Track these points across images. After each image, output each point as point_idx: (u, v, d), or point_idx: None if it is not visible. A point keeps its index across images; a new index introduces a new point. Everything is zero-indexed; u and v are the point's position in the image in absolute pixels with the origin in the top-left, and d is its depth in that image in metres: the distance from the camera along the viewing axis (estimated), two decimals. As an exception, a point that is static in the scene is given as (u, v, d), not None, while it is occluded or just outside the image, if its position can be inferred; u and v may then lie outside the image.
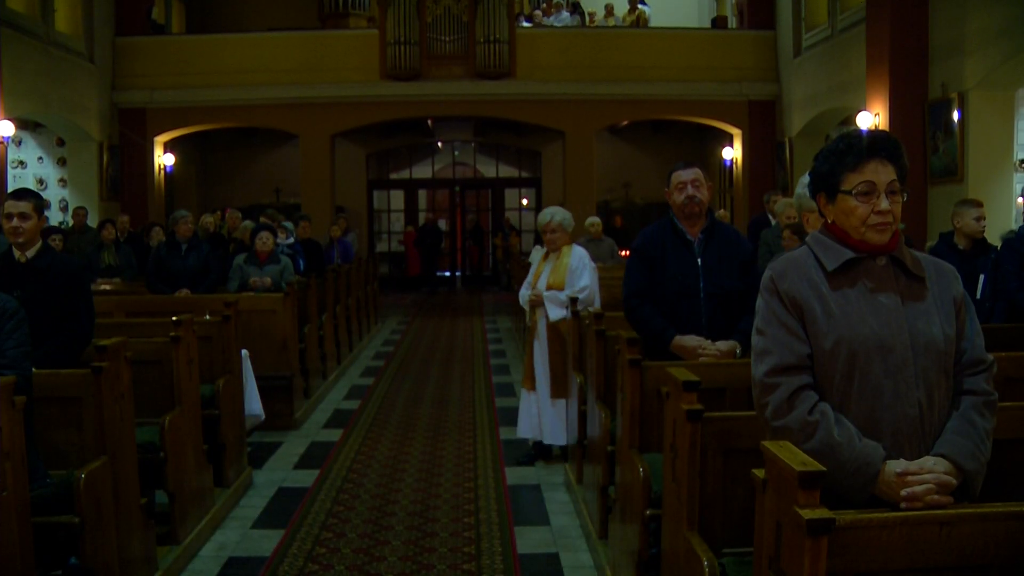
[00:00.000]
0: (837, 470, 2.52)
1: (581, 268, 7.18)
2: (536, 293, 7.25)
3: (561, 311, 7.06)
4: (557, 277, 7.20)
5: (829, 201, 2.76)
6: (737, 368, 4.36)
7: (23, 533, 3.60)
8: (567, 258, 7.26)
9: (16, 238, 4.83)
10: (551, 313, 7.12)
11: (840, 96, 15.01)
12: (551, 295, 7.13)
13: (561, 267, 7.22)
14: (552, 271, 7.26)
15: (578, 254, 7.32)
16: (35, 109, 15.06)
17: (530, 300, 7.33)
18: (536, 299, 7.25)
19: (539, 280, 7.30)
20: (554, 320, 7.12)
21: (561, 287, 7.13)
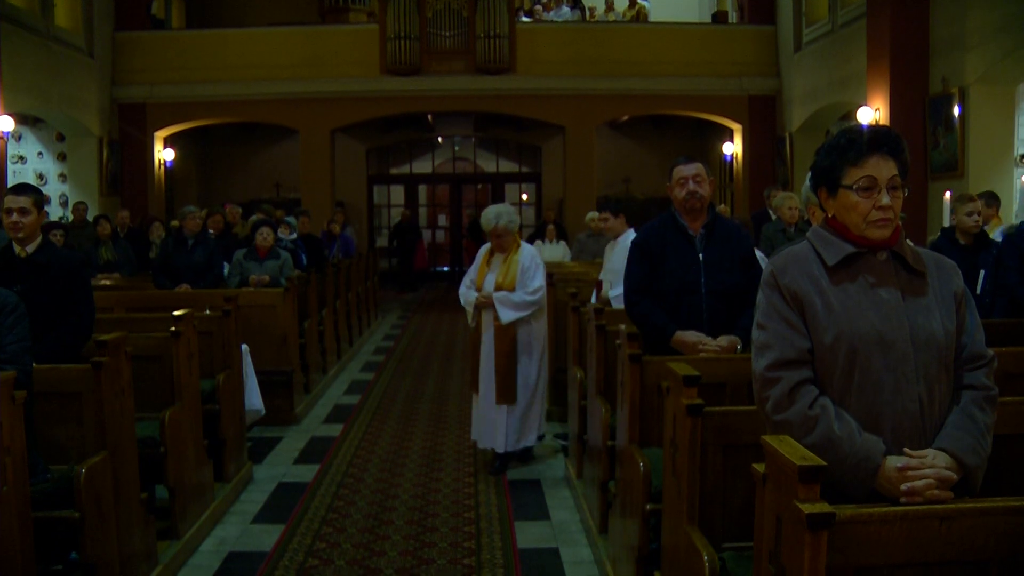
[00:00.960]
0: (837, 464, 2.52)
1: (534, 268, 6.87)
2: (485, 295, 6.83)
3: (513, 313, 6.75)
4: (507, 277, 6.82)
5: (830, 196, 2.76)
6: (737, 363, 4.36)
7: (23, 528, 3.61)
8: (517, 257, 6.90)
9: (16, 233, 4.83)
10: (503, 315, 6.74)
11: (840, 91, 15.00)
12: (502, 296, 6.76)
13: (511, 267, 6.85)
14: (502, 271, 6.86)
15: (529, 253, 7.00)
16: (35, 104, 15.04)
17: (477, 302, 6.92)
18: (485, 301, 6.84)
19: (485, 280, 6.90)
20: (506, 322, 6.76)
21: (512, 288, 6.78)
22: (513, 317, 6.73)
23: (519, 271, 6.80)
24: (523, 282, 6.78)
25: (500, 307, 6.74)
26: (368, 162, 22.84)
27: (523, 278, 6.79)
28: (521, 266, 6.83)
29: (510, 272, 6.81)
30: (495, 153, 24.07)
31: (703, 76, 18.23)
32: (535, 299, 6.79)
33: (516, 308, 6.74)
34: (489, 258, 6.98)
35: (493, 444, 6.86)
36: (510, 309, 6.74)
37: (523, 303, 6.75)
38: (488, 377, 6.85)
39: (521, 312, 6.75)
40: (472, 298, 6.92)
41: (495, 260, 6.95)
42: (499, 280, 6.81)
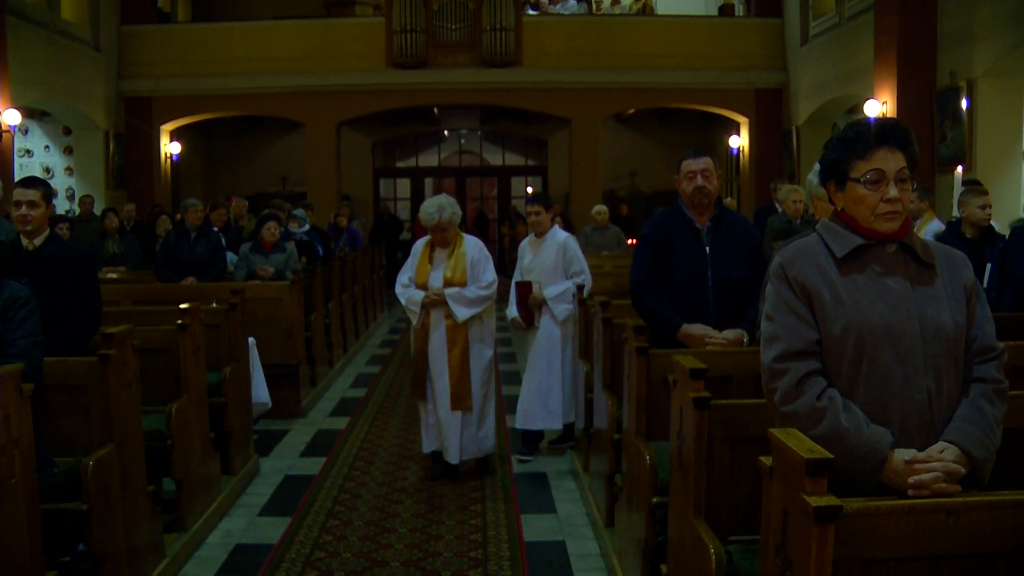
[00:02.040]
0: (844, 456, 2.51)
1: (484, 260, 6.52)
2: (436, 292, 6.36)
3: (468, 309, 6.38)
4: (457, 272, 6.39)
5: (839, 189, 2.75)
6: (744, 356, 4.35)
7: (32, 520, 3.62)
8: (463, 250, 6.49)
9: (24, 226, 4.84)
10: (458, 313, 6.34)
11: (847, 84, 14.95)
12: (455, 293, 6.35)
13: (459, 261, 6.43)
14: (449, 266, 6.42)
15: (475, 244, 6.62)
16: (41, 97, 15.05)
17: (426, 301, 6.41)
18: (437, 299, 6.38)
19: (430, 277, 6.44)
20: (462, 320, 6.36)
21: (463, 283, 6.38)
22: (469, 314, 6.38)
23: (468, 265, 6.44)
24: (474, 276, 6.43)
25: (454, 304, 6.36)
26: (374, 155, 22.85)
27: (473, 271, 6.44)
28: (469, 259, 6.47)
29: (458, 266, 6.42)
30: (501, 146, 24.07)
31: (709, 69, 18.18)
32: (489, 293, 6.48)
33: (471, 304, 6.39)
34: (430, 253, 6.55)
35: (448, 458, 6.48)
36: (464, 306, 6.38)
37: (478, 298, 6.41)
38: (440, 382, 6.42)
39: (476, 308, 6.41)
40: (418, 297, 6.44)
41: (438, 255, 6.52)
42: (448, 275, 6.40)
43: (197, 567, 5.13)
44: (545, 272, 7.18)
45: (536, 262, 7.23)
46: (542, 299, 7.11)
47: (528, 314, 7.24)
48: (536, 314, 7.21)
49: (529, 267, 7.28)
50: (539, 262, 7.20)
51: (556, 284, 7.13)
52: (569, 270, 7.19)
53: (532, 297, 7.16)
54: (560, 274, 7.17)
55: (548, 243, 7.22)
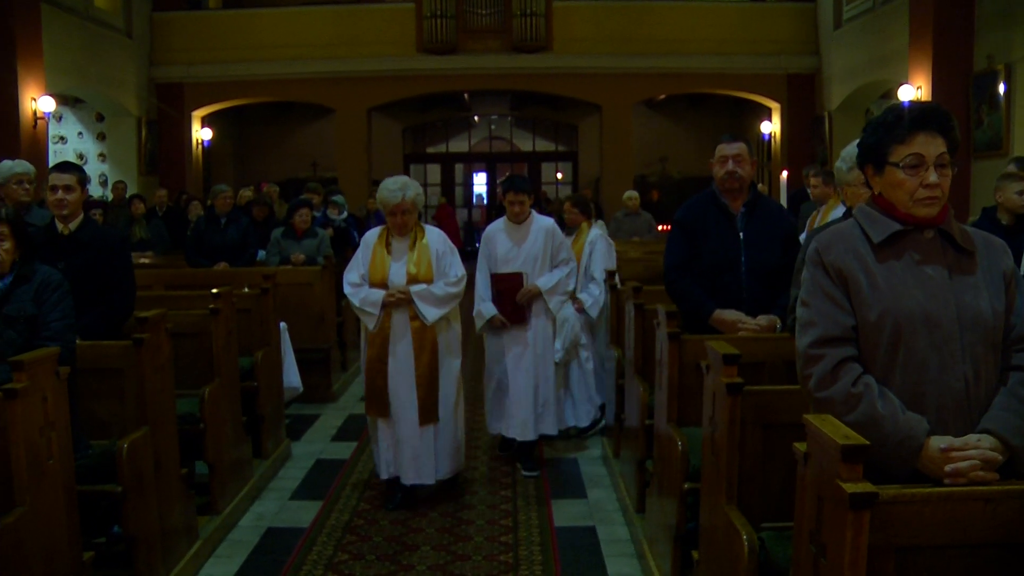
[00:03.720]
0: (879, 443, 2.48)
1: (450, 252, 5.80)
2: (400, 290, 5.59)
3: (438, 309, 5.65)
4: (421, 266, 5.66)
5: (876, 173, 2.72)
6: (776, 343, 4.33)
7: (69, 500, 3.66)
8: (426, 241, 5.76)
9: (61, 210, 4.88)
10: (427, 314, 5.60)
11: (881, 69, 14.79)
12: (422, 291, 5.61)
13: (423, 253, 5.70)
14: (412, 259, 5.68)
15: (439, 235, 5.90)
16: (75, 85, 15.18)
17: (387, 300, 5.62)
18: (402, 298, 5.61)
19: (390, 272, 5.67)
20: (431, 322, 5.62)
21: (429, 279, 5.65)
22: (439, 315, 5.64)
23: (433, 258, 5.71)
24: (441, 271, 5.70)
25: (422, 304, 5.61)
26: (404, 141, 22.89)
27: (440, 266, 5.71)
28: (434, 252, 5.73)
29: (423, 260, 5.68)
30: (531, 132, 24.04)
31: (741, 54, 18.06)
32: (458, 290, 5.77)
33: (440, 303, 5.66)
34: (387, 245, 5.77)
35: (416, 478, 5.67)
36: (434, 305, 5.63)
37: (447, 296, 5.68)
38: (404, 394, 5.65)
39: (446, 307, 5.67)
40: (376, 297, 5.64)
41: (396, 247, 5.75)
42: (411, 270, 5.65)
43: (229, 549, 5.16)
44: (531, 262, 6.40)
45: (517, 251, 6.42)
46: (537, 292, 6.35)
47: (515, 311, 6.36)
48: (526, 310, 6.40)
49: (506, 257, 6.43)
50: (523, 251, 6.40)
51: (547, 275, 6.40)
52: (557, 258, 6.47)
53: (526, 291, 6.33)
54: (548, 263, 6.43)
55: (533, 229, 6.45)
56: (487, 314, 6.39)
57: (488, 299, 6.42)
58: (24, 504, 3.32)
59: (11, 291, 3.90)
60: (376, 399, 5.70)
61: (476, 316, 6.48)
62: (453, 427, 5.81)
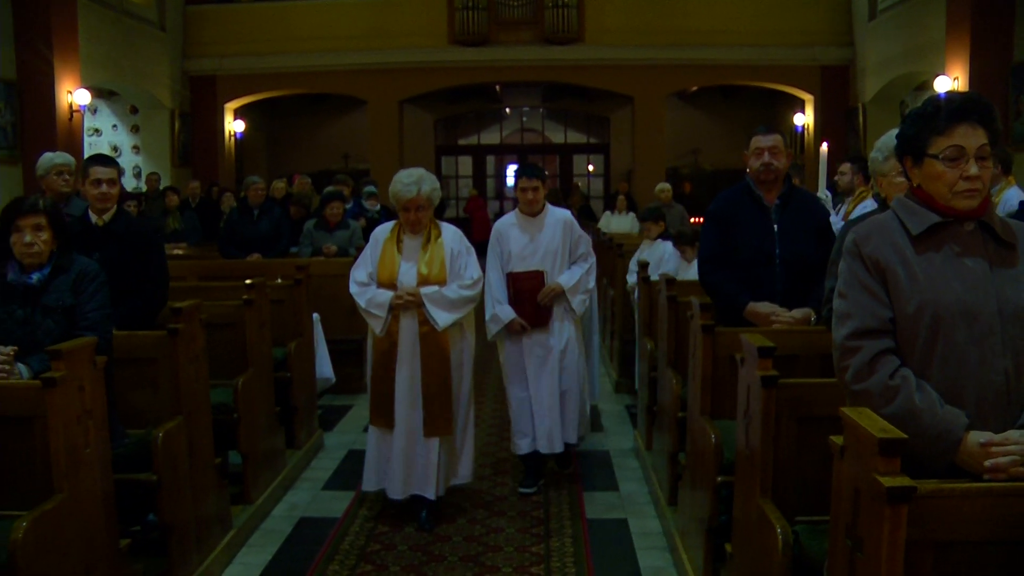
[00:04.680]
0: (917, 437, 2.45)
1: (466, 252, 5.37)
2: (410, 292, 5.15)
3: (450, 314, 5.20)
4: (434, 267, 5.22)
5: (915, 165, 2.68)
6: (811, 336, 4.30)
7: (106, 488, 3.70)
8: (441, 240, 5.32)
9: (105, 203, 4.94)
10: (439, 318, 5.15)
11: (917, 60, 14.63)
12: (434, 293, 5.17)
13: (436, 252, 5.27)
14: (424, 259, 5.24)
15: (454, 234, 5.44)
16: (109, 77, 15.33)
17: (395, 302, 5.19)
18: (412, 300, 5.16)
19: (399, 272, 5.25)
20: (443, 327, 5.18)
21: (442, 280, 5.21)
22: (451, 320, 5.20)
23: (447, 257, 5.28)
24: (455, 272, 5.27)
25: (433, 307, 5.16)
26: (436, 133, 22.91)
27: (454, 267, 5.28)
28: (449, 251, 5.30)
29: (436, 260, 5.25)
30: (563, 124, 24.00)
31: (774, 46, 17.93)
32: (474, 293, 5.32)
33: (453, 307, 5.22)
34: (398, 243, 5.34)
35: (421, 490, 5.26)
36: (446, 309, 5.19)
37: (461, 300, 5.24)
38: (411, 404, 5.24)
39: (460, 312, 5.25)
40: (384, 298, 5.22)
41: (408, 245, 5.32)
42: (423, 271, 5.22)
43: (262, 539, 5.20)
44: (549, 258, 5.92)
45: (533, 247, 5.92)
46: (560, 291, 5.88)
47: (537, 313, 5.87)
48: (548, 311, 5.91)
49: (521, 254, 5.92)
50: (540, 247, 5.91)
51: (567, 272, 5.95)
52: (575, 253, 6.00)
53: (548, 290, 5.85)
54: (566, 259, 5.96)
55: (549, 223, 5.97)
56: (505, 318, 5.85)
57: (504, 301, 5.89)
58: (63, 491, 3.35)
59: (49, 281, 3.94)
60: (381, 409, 5.29)
61: (490, 321, 5.90)
62: (460, 441, 5.43)
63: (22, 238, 3.89)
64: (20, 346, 3.75)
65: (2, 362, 3.65)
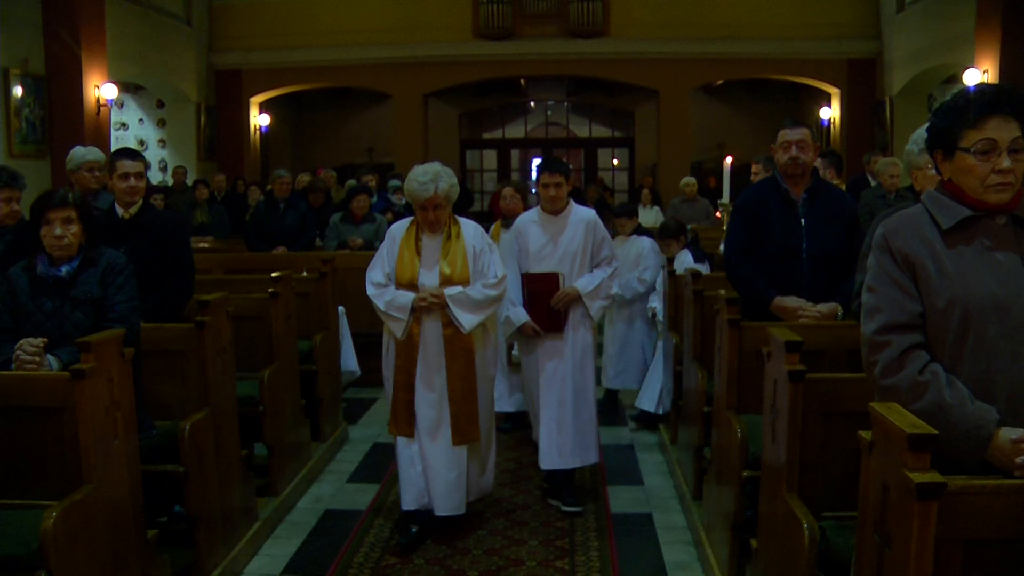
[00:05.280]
0: (947, 432, 2.43)
1: (488, 249, 5.09)
2: (433, 293, 4.86)
3: (475, 316, 4.93)
4: (457, 266, 4.97)
5: (946, 158, 2.65)
6: (838, 330, 4.28)
7: (134, 478, 3.72)
8: (462, 237, 5.04)
9: (133, 197, 4.97)
10: (464, 320, 4.88)
11: (946, 52, 14.49)
12: (458, 294, 4.90)
13: (458, 250, 4.99)
14: (445, 258, 4.98)
15: (475, 230, 5.14)
16: (136, 72, 15.42)
17: (418, 304, 4.90)
18: (436, 302, 4.88)
19: (419, 272, 4.97)
20: (469, 329, 4.91)
21: (465, 279, 4.95)
22: (477, 322, 4.94)
23: (470, 256, 5.02)
24: (478, 271, 5.01)
25: (457, 309, 4.89)
26: (460, 126, 22.88)
27: (477, 265, 5.01)
28: (471, 249, 5.03)
29: (458, 258, 4.98)
30: (588, 118, 23.91)
31: (800, 39, 17.80)
32: (499, 292, 5.04)
33: (479, 308, 4.94)
34: (416, 242, 5.05)
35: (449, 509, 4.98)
36: (471, 311, 4.92)
37: (486, 300, 4.97)
38: (434, 410, 4.98)
39: (485, 312, 4.99)
40: (405, 300, 4.93)
41: (428, 243, 5.03)
42: (445, 270, 4.95)
43: (288, 530, 5.23)
44: (568, 260, 5.56)
45: (553, 247, 5.57)
46: (576, 296, 5.51)
47: (550, 317, 5.53)
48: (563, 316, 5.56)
49: (540, 254, 5.59)
50: (560, 247, 5.56)
51: (587, 276, 5.57)
52: (598, 256, 5.62)
53: (563, 294, 5.49)
54: (588, 262, 5.59)
55: (572, 222, 5.60)
56: (517, 320, 5.54)
57: (519, 303, 5.57)
58: (91, 482, 3.38)
59: (78, 274, 3.97)
60: (403, 416, 5.03)
61: (505, 323, 5.66)
62: (484, 447, 5.19)
63: (52, 231, 3.92)
64: (49, 338, 3.78)
65: (32, 354, 3.68)
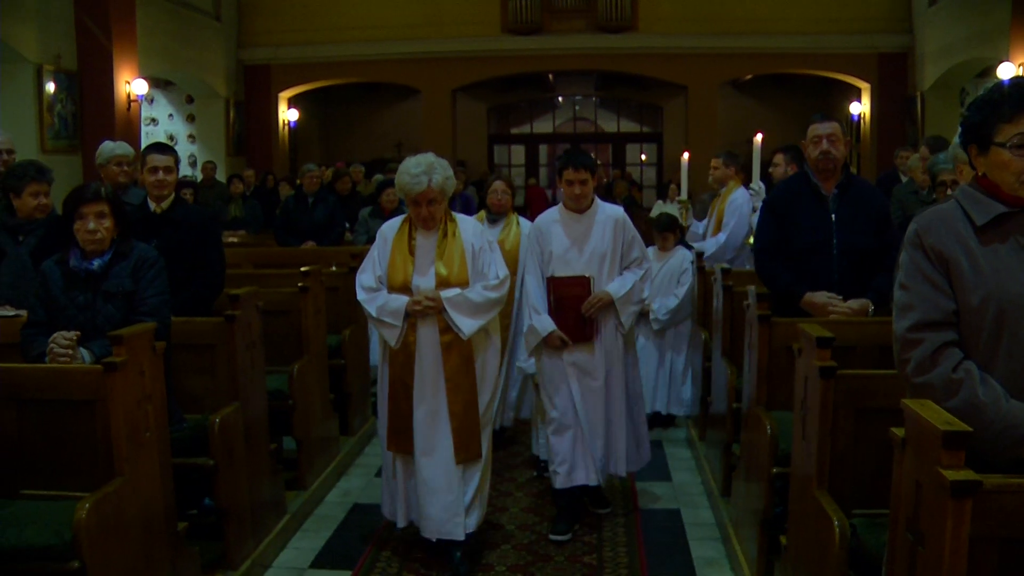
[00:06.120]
0: (980, 431, 2.40)
1: (488, 247, 4.66)
2: (431, 297, 4.43)
3: (475, 320, 4.49)
4: (454, 266, 4.54)
5: (981, 153, 2.62)
6: (868, 327, 4.26)
7: (165, 472, 3.75)
8: (459, 235, 4.62)
9: (161, 190, 5.00)
10: (464, 325, 4.45)
11: (979, 46, 14.31)
12: (456, 297, 4.47)
13: (455, 249, 4.57)
14: (441, 258, 4.55)
15: (474, 227, 4.73)
16: (166, 68, 15.51)
17: (412, 309, 4.46)
18: (432, 306, 4.45)
19: (412, 273, 4.55)
20: (469, 335, 4.48)
21: (463, 281, 4.52)
22: (477, 327, 4.50)
23: (468, 255, 4.59)
24: (477, 271, 4.58)
25: (456, 313, 4.46)
26: (489, 122, 22.88)
27: (476, 265, 4.59)
28: (469, 247, 4.60)
29: (455, 257, 4.56)
30: (616, 113, 23.86)
31: (830, 33, 17.65)
32: (500, 295, 4.59)
33: (479, 312, 4.52)
34: (410, 242, 4.62)
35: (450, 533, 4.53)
36: (470, 315, 4.49)
37: (487, 303, 4.54)
38: (433, 425, 4.52)
39: (486, 316, 4.56)
40: (398, 304, 4.49)
41: (422, 242, 4.60)
42: (442, 271, 4.53)
43: (316, 524, 5.25)
44: (596, 262, 5.10)
45: (579, 249, 5.11)
46: (608, 301, 5.04)
47: (580, 326, 5.04)
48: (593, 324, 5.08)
49: (564, 256, 5.11)
50: (587, 248, 5.11)
51: (618, 279, 5.12)
52: (628, 257, 5.18)
53: (595, 299, 5.02)
54: (617, 264, 5.14)
55: (599, 220, 5.14)
56: (543, 330, 5.03)
57: (543, 310, 5.08)
58: (123, 474, 3.41)
59: (110, 267, 4.00)
60: (399, 432, 4.60)
61: (528, 333, 5.16)
62: (485, 463, 4.68)
63: (86, 225, 3.95)
64: (82, 331, 3.81)
65: (65, 347, 3.71)
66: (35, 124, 11.85)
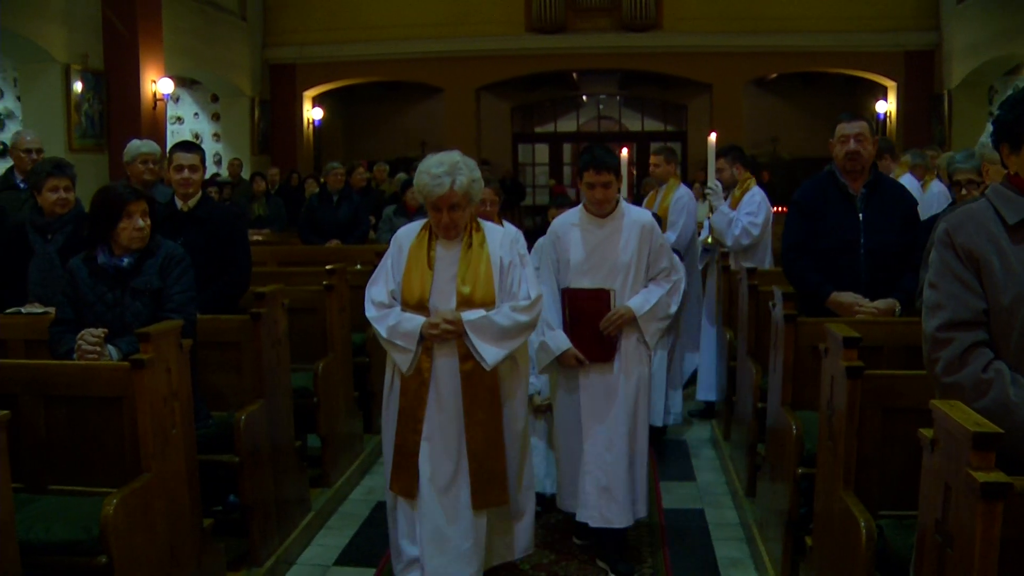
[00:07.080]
0: (1011, 432, 2.36)
1: (520, 262, 4.03)
2: (450, 319, 3.82)
3: (501, 349, 3.87)
4: (479, 284, 3.92)
5: (1013, 152, 2.59)
6: (896, 327, 4.23)
7: (191, 469, 3.77)
8: (486, 246, 4.00)
9: (187, 188, 5.02)
10: (487, 354, 3.84)
11: (1008, 43, 14.17)
12: (479, 321, 3.85)
13: (479, 264, 3.95)
14: (464, 274, 3.93)
15: (503, 237, 4.08)
16: (192, 67, 15.61)
17: (428, 332, 3.86)
18: (451, 329, 3.84)
19: (431, 290, 3.92)
20: (493, 364, 3.86)
21: (489, 300, 3.91)
22: (503, 355, 3.88)
23: (496, 270, 3.97)
24: (505, 289, 3.97)
25: (478, 339, 3.85)
26: (513, 120, 22.87)
27: (505, 282, 3.98)
28: (497, 261, 3.98)
29: (480, 273, 3.94)
30: (640, 112, 23.80)
31: (856, 31, 17.55)
32: (531, 318, 3.97)
33: (505, 337, 3.89)
34: (429, 252, 4.01)
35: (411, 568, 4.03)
36: (495, 342, 3.87)
37: (515, 327, 3.91)
38: (450, 466, 3.93)
39: (514, 343, 3.93)
40: (413, 326, 3.88)
41: (442, 254, 3.99)
42: (466, 290, 3.91)
43: (341, 521, 5.27)
44: (619, 272, 4.53)
45: (600, 257, 4.54)
46: (631, 317, 4.48)
47: (598, 343, 4.50)
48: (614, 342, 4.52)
49: (584, 266, 4.55)
50: (608, 257, 4.54)
51: (642, 292, 4.56)
52: (655, 267, 4.61)
53: (616, 316, 4.46)
54: (643, 275, 4.57)
55: (625, 225, 4.57)
56: (557, 348, 4.50)
57: (557, 325, 4.56)
58: (150, 470, 3.43)
59: (139, 265, 4.02)
60: (404, 470, 3.96)
61: (539, 350, 4.59)
62: (515, 508, 4.14)
63: (134, 223, 3.97)
64: (109, 328, 3.84)
65: (93, 344, 3.74)
66: (63, 123, 11.94)
